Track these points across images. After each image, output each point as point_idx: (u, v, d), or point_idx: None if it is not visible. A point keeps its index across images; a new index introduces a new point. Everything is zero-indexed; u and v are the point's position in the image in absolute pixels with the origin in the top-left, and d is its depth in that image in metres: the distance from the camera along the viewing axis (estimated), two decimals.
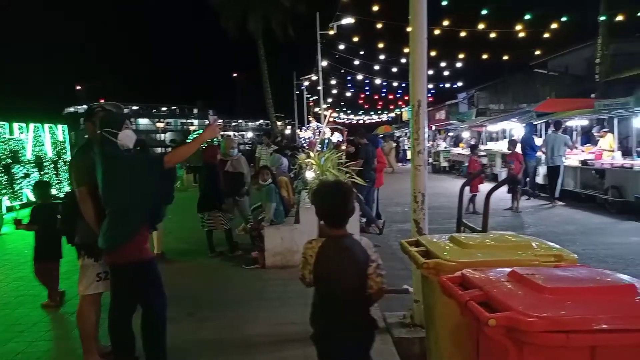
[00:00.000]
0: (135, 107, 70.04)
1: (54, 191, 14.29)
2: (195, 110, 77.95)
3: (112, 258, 3.34)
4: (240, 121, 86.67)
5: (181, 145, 4.40)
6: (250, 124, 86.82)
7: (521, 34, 19.81)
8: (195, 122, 75.08)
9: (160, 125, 74.00)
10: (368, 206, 8.79)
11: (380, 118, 51.55)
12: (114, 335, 3.44)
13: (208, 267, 6.87)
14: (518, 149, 11.88)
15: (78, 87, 58.56)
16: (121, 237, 3.28)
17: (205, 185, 7.46)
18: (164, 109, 77.37)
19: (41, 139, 13.87)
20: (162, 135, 70.48)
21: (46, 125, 14.28)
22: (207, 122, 4.52)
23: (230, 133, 69.46)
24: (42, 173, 13.70)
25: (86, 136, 3.85)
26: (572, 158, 12.06)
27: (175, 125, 76.56)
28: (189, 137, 30.25)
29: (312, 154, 8.03)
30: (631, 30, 19.44)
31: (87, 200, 3.48)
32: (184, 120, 77.31)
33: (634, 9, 17.56)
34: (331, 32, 21.19)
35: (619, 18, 17.78)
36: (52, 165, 14.29)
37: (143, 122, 72.05)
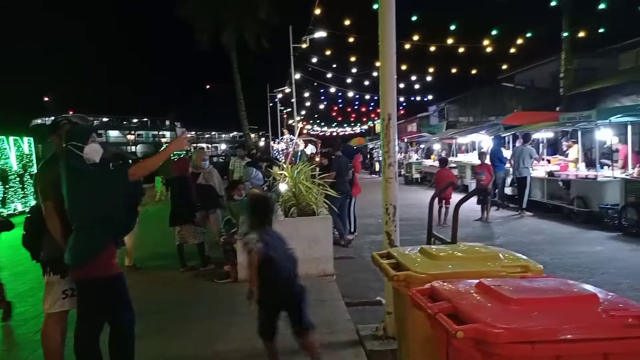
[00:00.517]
0: (105, 119, 68.61)
1: (19, 206, 13.90)
2: (167, 122, 76.86)
3: (79, 274, 3.25)
4: (213, 133, 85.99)
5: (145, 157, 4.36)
6: (223, 135, 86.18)
7: (489, 49, 20.37)
8: (167, 134, 74.06)
9: (130, 137, 72.64)
10: (342, 218, 8.81)
11: (353, 130, 52.01)
12: (81, 355, 3.33)
13: (179, 281, 6.76)
14: (488, 160, 12.15)
15: (46, 98, 56.94)
16: (88, 253, 3.20)
17: (177, 199, 7.36)
18: (134, 120, 75.96)
19: (6, 152, 13.49)
20: (133, 147, 69.22)
21: (11, 138, 13.90)
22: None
23: (203, 145, 68.79)
24: (7, 187, 13.29)
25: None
26: (539, 169, 12.40)
27: (146, 137, 75.20)
28: (159, 150, 29.85)
29: (285, 166, 8.01)
30: (593, 46, 20.20)
31: (53, 215, 3.39)
32: (156, 133, 76.14)
33: (595, 26, 18.27)
34: (304, 46, 21.32)
35: (581, 34, 18.47)
36: (18, 179, 13.89)
37: (113, 134, 70.53)
